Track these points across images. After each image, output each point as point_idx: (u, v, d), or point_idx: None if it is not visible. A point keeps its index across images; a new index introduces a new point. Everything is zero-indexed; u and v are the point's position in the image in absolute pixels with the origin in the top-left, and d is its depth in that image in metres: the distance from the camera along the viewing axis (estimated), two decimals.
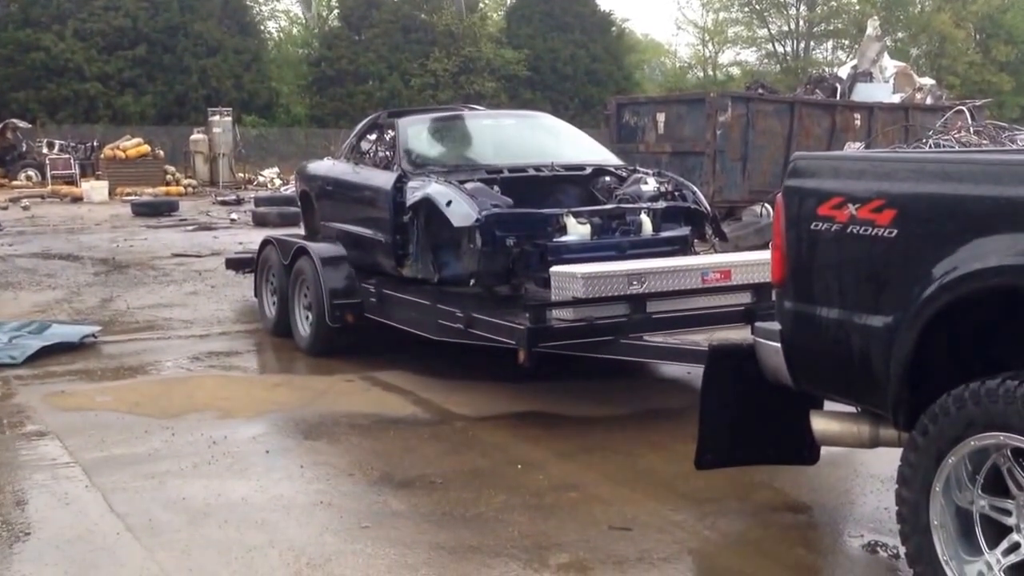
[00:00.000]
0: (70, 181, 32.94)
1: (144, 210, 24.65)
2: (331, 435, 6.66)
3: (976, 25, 60.63)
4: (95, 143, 36.61)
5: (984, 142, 16.45)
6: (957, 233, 3.59)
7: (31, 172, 35.10)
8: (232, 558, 4.67)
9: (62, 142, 36.81)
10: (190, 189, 33.38)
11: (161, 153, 35.74)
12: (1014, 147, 14.65)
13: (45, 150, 35.96)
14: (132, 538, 4.91)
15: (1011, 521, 3.57)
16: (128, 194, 30.09)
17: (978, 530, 3.67)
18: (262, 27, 55.01)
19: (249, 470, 5.95)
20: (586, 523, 5.09)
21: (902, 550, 3.94)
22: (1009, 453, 3.51)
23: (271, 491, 5.57)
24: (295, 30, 60.93)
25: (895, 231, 3.83)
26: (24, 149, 36.69)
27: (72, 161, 34.70)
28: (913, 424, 3.79)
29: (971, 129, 17.70)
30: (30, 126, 38.38)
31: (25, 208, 26.26)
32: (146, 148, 34.61)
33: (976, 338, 3.85)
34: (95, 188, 30.16)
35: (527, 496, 5.48)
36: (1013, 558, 3.56)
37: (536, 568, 4.58)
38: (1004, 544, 3.59)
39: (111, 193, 30.31)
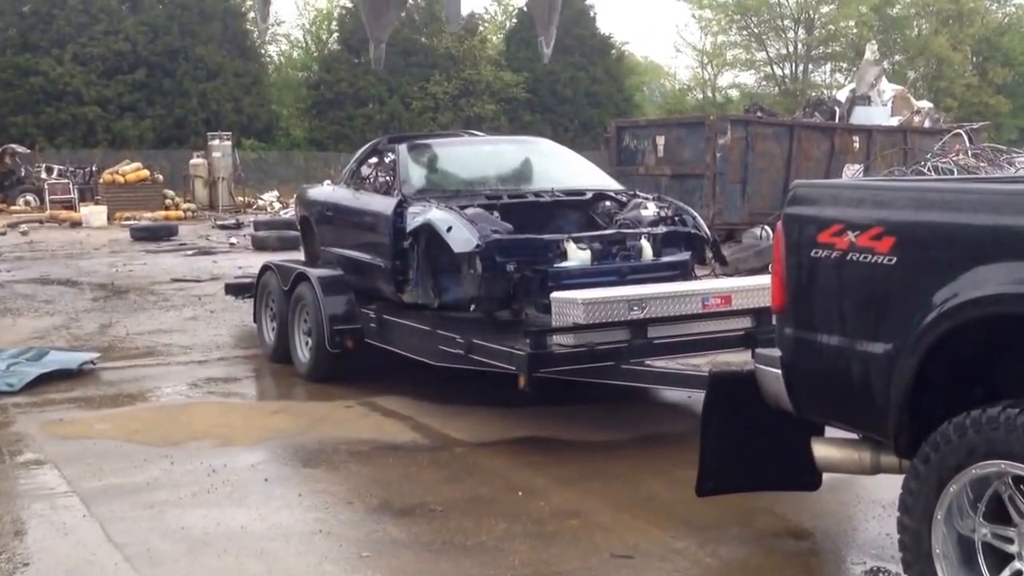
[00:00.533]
0: (69, 206, 32.98)
1: (143, 235, 24.67)
2: (330, 462, 6.65)
3: (973, 48, 60.87)
4: (94, 167, 36.65)
5: (982, 165, 16.49)
6: (956, 261, 3.60)
7: (30, 197, 35.13)
8: None
9: (61, 167, 36.87)
10: (189, 213, 33.41)
11: (160, 177, 35.78)
12: (1012, 171, 14.69)
13: (44, 175, 36.00)
14: (131, 568, 4.89)
15: (1013, 549, 3.57)
16: (127, 219, 30.10)
17: (980, 558, 3.66)
18: (262, 51, 55.21)
19: (248, 498, 5.94)
20: (588, 551, 5.08)
21: None
22: (1010, 481, 3.51)
23: (270, 520, 5.56)
24: (295, 53, 61.18)
25: (895, 259, 3.84)
26: (23, 174, 36.71)
27: (71, 186, 34.76)
28: (914, 451, 3.78)
29: (969, 152, 17.76)
30: (29, 151, 38.44)
31: (24, 233, 26.29)
32: (145, 172, 34.65)
33: (977, 365, 3.86)
34: (94, 213, 30.19)
35: (528, 524, 5.47)
36: None
37: None
38: (1007, 572, 3.58)
39: (110, 218, 30.34)
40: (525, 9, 50.27)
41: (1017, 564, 3.56)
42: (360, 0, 11.07)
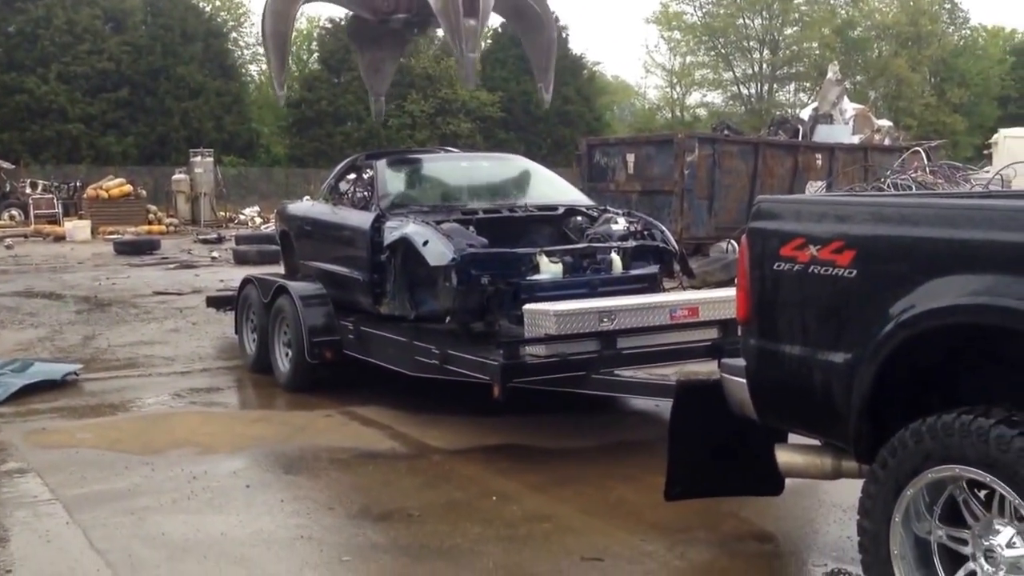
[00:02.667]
0: (53, 220, 32.79)
1: (126, 249, 24.55)
2: (311, 470, 6.64)
3: (931, 69, 61.48)
4: (78, 183, 36.49)
5: (939, 181, 16.63)
6: (914, 273, 3.63)
7: (14, 212, 34.89)
8: None
9: (45, 182, 36.67)
10: (172, 228, 33.29)
11: (143, 193, 35.64)
12: (968, 187, 14.82)
13: (28, 190, 35.78)
14: (112, 574, 4.87)
15: (967, 550, 3.60)
16: (110, 233, 29.95)
17: (936, 559, 3.69)
18: (243, 70, 55.12)
19: (229, 505, 5.92)
20: (559, 554, 5.09)
21: None
22: (965, 485, 3.54)
23: (251, 526, 5.55)
24: None
25: (854, 271, 3.87)
26: (8, 189, 36.50)
27: (55, 201, 34.56)
28: (873, 457, 3.81)
29: (927, 169, 17.90)
30: (14, 167, 38.20)
31: (8, 247, 26.12)
32: (128, 188, 34.51)
33: (933, 374, 3.89)
34: (78, 227, 30.04)
35: (502, 528, 5.48)
36: None
37: None
38: (961, 573, 3.61)
39: (94, 232, 30.19)
40: (499, 30, 50.50)
41: (971, 565, 3.59)
42: (359, 56, 11.12)
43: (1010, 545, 3.46)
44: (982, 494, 3.53)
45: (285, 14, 9.74)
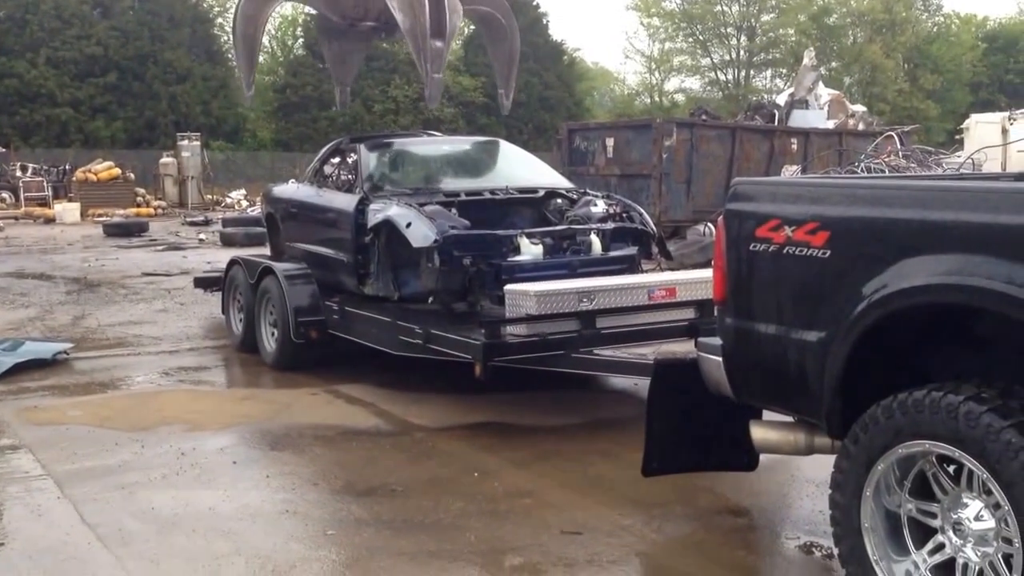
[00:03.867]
0: (43, 203, 32.56)
1: (115, 231, 24.42)
2: (296, 446, 6.64)
3: (905, 55, 61.57)
4: (67, 166, 36.20)
5: (912, 166, 16.69)
6: (886, 254, 3.64)
7: (5, 194, 34.59)
8: (199, 566, 4.63)
9: (35, 165, 36.39)
10: (160, 210, 33.12)
11: (131, 176, 35.38)
12: (940, 171, 14.87)
13: (19, 173, 35.50)
14: (103, 548, 4.86)
15: (936, 523, 3.63)
16: (99, 215, 29.78)
17: (906, 532, 3.72)
18: (229, 55, 54.74)
19: (217, 480, 5.91)
20: (539, 528, 5.10)
21: (835, 551, 3.98)
22: (934, 460, 3.56)
23: (238, 500, 5.54)
24: (261, 58, 60.65)
25: (828, 252, 3.88)
26: None
27: (45, 184, 34.28)
28: (845, 433, 3.83)
29: (900, 153, 17.95)
30: (4, 150, 37.92)
31: None
32: (117, 171, 34.27)
33: (904, 352, 3.91)
34: (67, 210, 29.86)
35: (483, 503, 5.49)
36: (938, 557, 3.62)
37: (491, 571, 4.59)
38: (930, 545, 3.65)
39: (83, 214, 30.01)
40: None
41: (940, 537, 3.62)
42: (325, 47, 11.09)
43: (978, 518, 3.49)
44: (951, 469, 3.55)
45: (255, 18, 9.74)
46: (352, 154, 9.42)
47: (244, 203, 35.62)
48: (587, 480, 5.89)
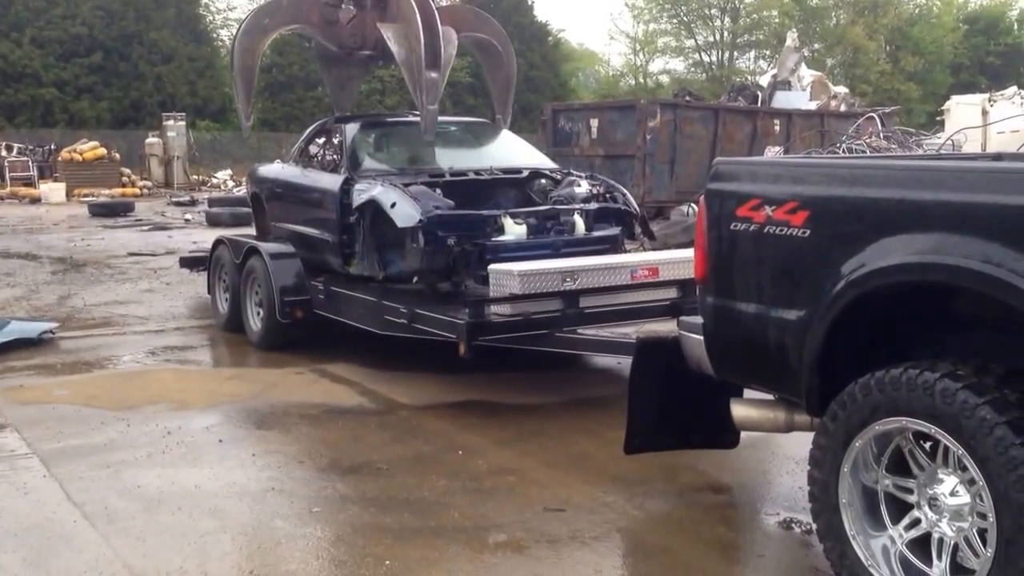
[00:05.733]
0: (28, 183, 32.35)
1: (101, 211, 24.28)
2: (282, 425, 6.64)
3: (887, 37, 61.51)
4: (52, 146, 35.93)
5: (893, 147, 16.74)
6: (864, 233, 3.66)
7: None
8: (185, 543, 4.64)
9: (20, 145, 36.10)
10: (145, 191, 32.94)
11: (117, 156, 35.14)
12: (919, 151, 14.92)
13: (3, 153, 35.20)
14: (89, 525, 4.86)
15: (912, 499, 3.66)
16: (85, 195, 29.63)
17: (883, 507, 3.75)
18: (215, 35, 54.41)
19: (202, 459, 5.91)
20: (523, 505, 5.12)
21: (814, 526, 4.02)
22: (911, 436, 3.59)
23: (224, 479, 5.54)
24: None
25: (808, 231, 3.90)
26: None
27: (30, 164, 34.04)
28: (824, 410, 3.86)
29: (881, 134, 18.00)
30: None
31: None
32: (102, 151, 34.05)
33: (882, 330, 3.93)
34: (53, 190, 29.69)
35: (467, 480, 5.50)
36: (914, 533, 3.65)
37: (475, 548, 4.61)
38: (906, 520, 3.68)
39: (68, 194, 29.86)
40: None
41: (916, 513, 3.65)
42: (325, 75, 11.11)
43: (953, 494, 3.52)
44: (927, 445, 3.59)
45: (253, 50, 9.76)
46: (337, 134, 9.39)
47: (230, 183, 35.48)
48: (570, 458, 5.91)
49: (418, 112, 8.76)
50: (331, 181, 8.63)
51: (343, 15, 9.86)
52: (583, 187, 8.52)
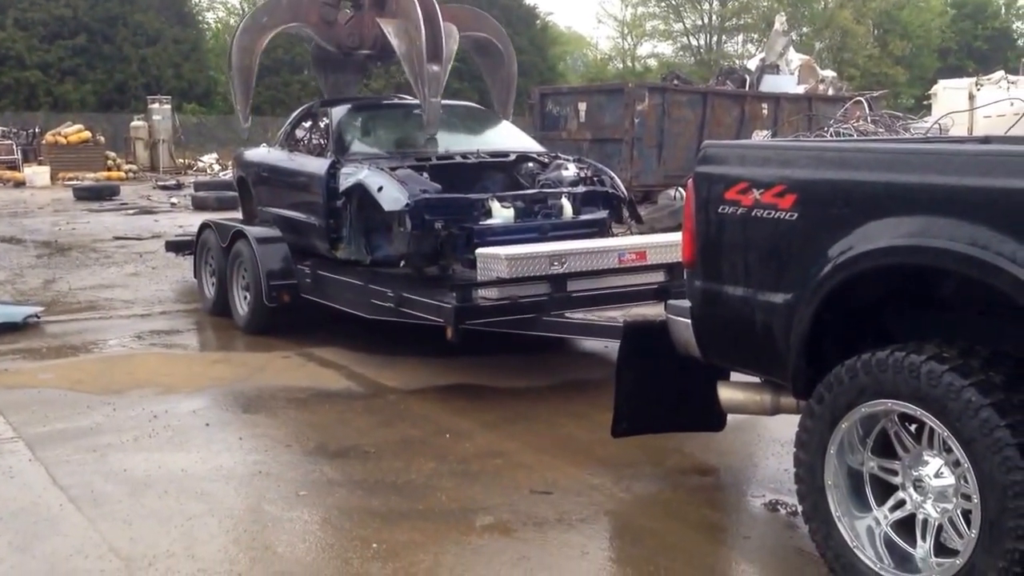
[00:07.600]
0: (12, 166, 32.14)
1: (86, 194, 24.16)
2: (269, 408, 6.64)
3: (875, 21, 61.49)
4: (37, 129, 35.70)
5: (880, 130, 16.75)
6: (852, 216, 3.67)
7: None
8: (172, 527, 4.64)
9: (4, 128, 35.87)
10: (131, 174, 32.77)
11: (102, 139, 34.93)
12: (906, 135, 14.95)
13: None
14: (75, 509, 4.86)
15: (897, 480, 3.69)
16: (70, 179, 29.46)
17: (868, 489, 3.78)
18: (200, 18, 54.14)
19: (189, 442, 5.91)
20: (509, 488, 5.14)
21: (799, 508, 4.04)
22: (896, 418, 3.62)
23: (211, 462, 5.55)
24: (232, 20, 59.99)
25: (795, 214, 3.91)
26: None
27: (14, 147, 33.80)
28: (810, 393, 3.88)
29: (868, 118, 18.01)
30: None
31: None
32: (87, 134, 33.84)
33: (868, 313, 3.95)
34: (37, 173, 29.53)
35: (454, 463, 5.52)
36: (899, 514, 3.68)
37: (462, 530, 4.62)
38: (891, 501, 3.71)
39: (53, 178, 29.68)
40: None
41: (901, 494, 3.68)
42: (322, 79, 11.10)
43: (938, 475, 3.55)
44: (912, 427, 3.61)
45: (251, 49, 9.72)
46: (324, 118, 9.37)
47: (216, 167, 35.33)
48: (557, 441, 5.93)
49: (406, 98, 8.74)
50: (318, 165, 8.61)
51: (341, 16, 9.85)
52: (571, 171, 8.52)
